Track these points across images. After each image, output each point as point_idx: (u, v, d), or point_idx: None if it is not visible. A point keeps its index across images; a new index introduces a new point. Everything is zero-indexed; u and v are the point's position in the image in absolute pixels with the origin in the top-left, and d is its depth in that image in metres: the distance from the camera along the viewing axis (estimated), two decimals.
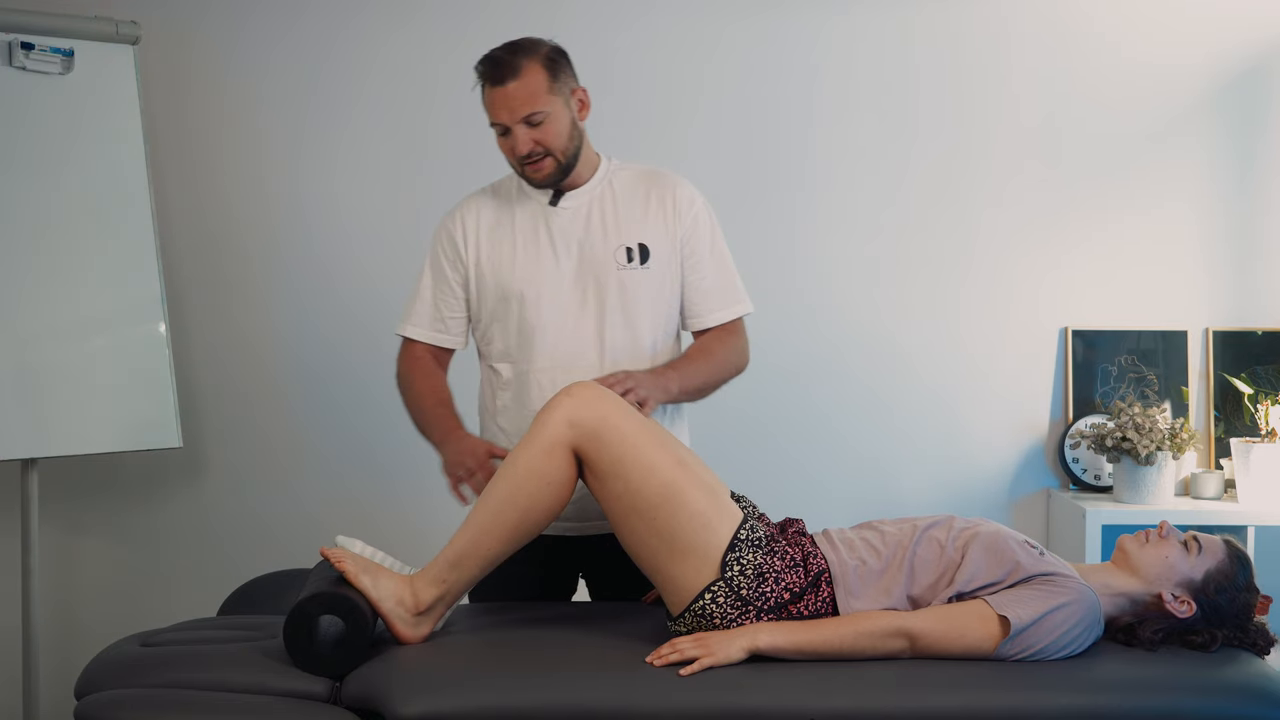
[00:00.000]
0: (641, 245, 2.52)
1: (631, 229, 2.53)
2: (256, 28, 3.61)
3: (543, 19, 3.64)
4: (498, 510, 2.20)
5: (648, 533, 2.18)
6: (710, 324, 2.59)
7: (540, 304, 2.50)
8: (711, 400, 3.63)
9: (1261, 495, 3.41)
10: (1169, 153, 3.65)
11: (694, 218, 2.56)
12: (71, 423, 3.19)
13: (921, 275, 3.66)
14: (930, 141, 3.66)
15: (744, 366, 2.63)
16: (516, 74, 2.43)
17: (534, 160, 2.46)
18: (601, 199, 2.55)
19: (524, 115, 2.43)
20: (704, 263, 2.57)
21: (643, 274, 2.52)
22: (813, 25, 3.64)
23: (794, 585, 2.17)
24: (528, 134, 2.44)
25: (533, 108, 2.43)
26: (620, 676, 2.07)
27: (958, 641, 2.10)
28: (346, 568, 2.18)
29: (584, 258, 2.51)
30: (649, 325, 2.54)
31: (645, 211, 2.55)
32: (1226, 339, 3.65)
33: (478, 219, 2.57)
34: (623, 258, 2.52)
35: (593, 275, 2.51)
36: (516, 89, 2.43)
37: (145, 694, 2.05)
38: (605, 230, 2.53)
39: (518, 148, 2.44)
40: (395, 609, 2.18)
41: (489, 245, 2.55)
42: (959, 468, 3.67)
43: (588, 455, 2.19)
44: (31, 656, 3.21)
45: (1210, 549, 2.24)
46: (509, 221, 2.55)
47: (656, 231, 2.54)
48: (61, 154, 3.24)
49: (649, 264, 2.52)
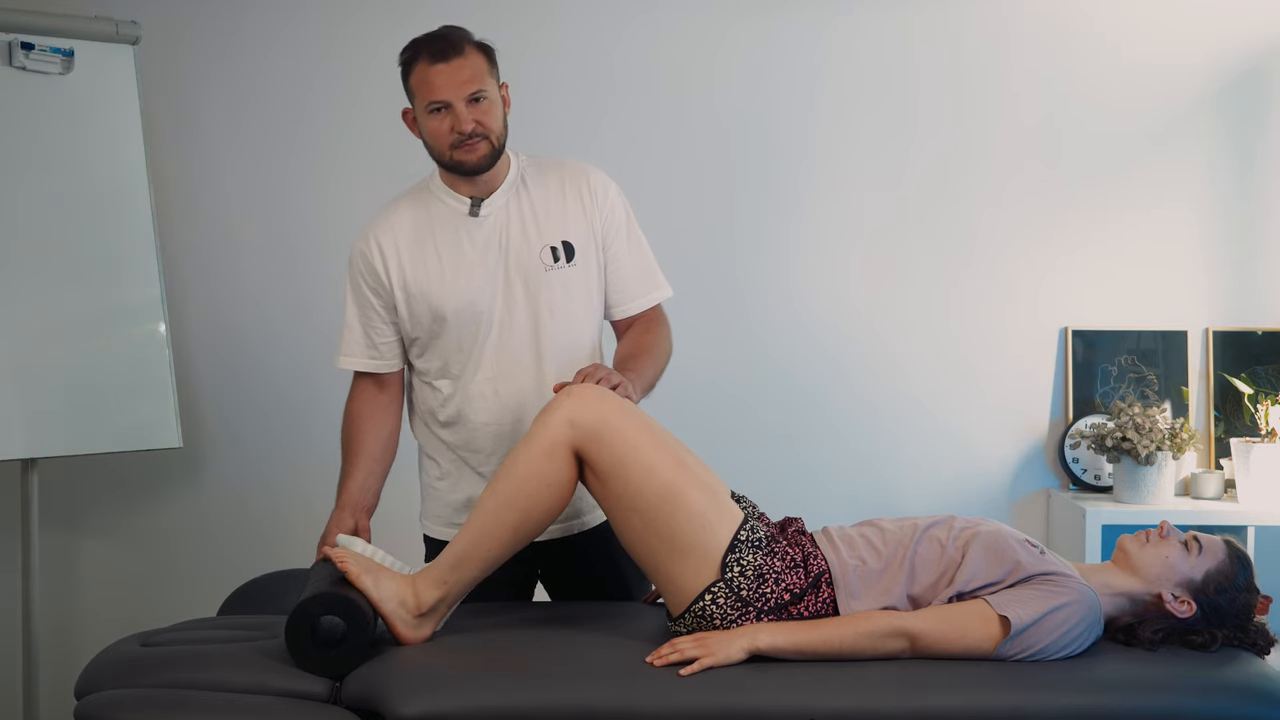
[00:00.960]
0: (565, 243, 2.48)
1: (552, 228, 2.48)
2: (256, 28, 3.61)
3: (543, 19, 3.65)
4: (498, 511, 2.20)
5: (648, 533, 2.18)
6: (631, 312, 2.56)
7: (476, 318, 2.46)
8: (712, 400, 3.65)
9: (1261, 495, 3.41)
10: (1169, 153, 3.65)
11: (610, 205, 2.52)
12: (71, 423, 3.19)
13: (922, 275, 3.66)
14: (930, 141, 3.66)
15: (671, 352, 2.58)
16: (460, 52, 2.38)
17: (472, 140, 2.38)
18: (519, 200, 2.49)
19: (469, 92, 2.37)
20: (622, 251, 2.53)
21: (570, 272, 2.48)
22: (813, 25, 3.64)
23: (794, 586, 2.17)
24: (469, 112, 2.37)
25: (477, 85, 2.38)
26: (620, 676, 2.07)
27: (958, 641, 2.10)
28: (349, 568, 2.17)
29: (510, 264, 2.46)
30: (582, 322, 2.51)
31: (563, 207, 2.50)
32: (1226, 339, 3.65)
33: (395, 240, 2.48)
34: (549, 258, 2.47)
35: (521, 280, 2.46)
36: (462, 65, 2.37)
37: (145, 694, 2.05)
38: (527, 233, 2.47)
39: (460, 124, 2.36)
40: (397, 610, 2.18)
41: (412, 266, 2.47)
42: (959, 467, 3.67)
43: (588, 455, 2.18)
44: (31, 656, 3.21)
45: (1210, 549, 2.24)
46: (429, 238, 2.47)
47: (577, 226, 2.49)
48: (61, 154, 3.23)
49: (575, 261, 2.48)
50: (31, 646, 3.21)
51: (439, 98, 2.37)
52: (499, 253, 2.46)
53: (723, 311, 3.66)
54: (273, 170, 3.63)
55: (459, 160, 2.41)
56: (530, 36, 3.61)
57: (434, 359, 2.50)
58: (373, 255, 2.48)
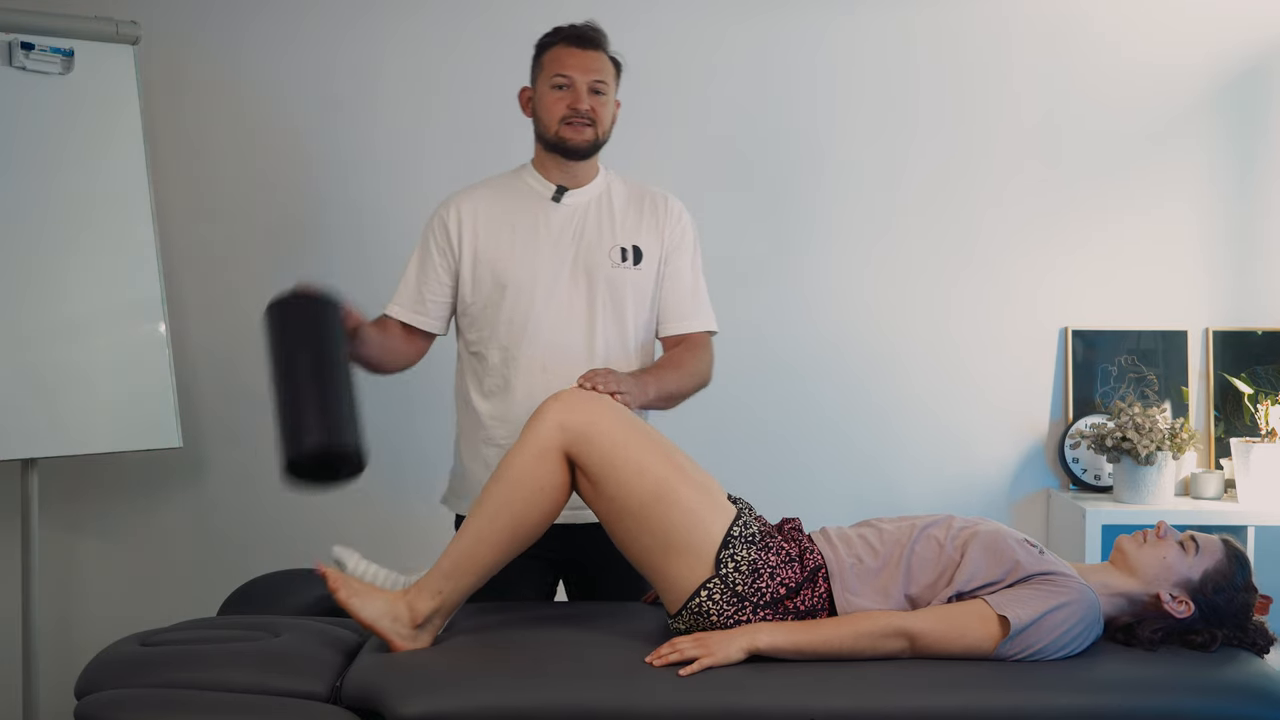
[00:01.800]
0: (635, 247, 2.62)
1: (626, 232, 2.63)
2: (256, 28, 3.61)
3: (544, 19, 3.64)
4: (492, 517, 2.21)
5: (641, 532, 2.19)
6: (679, 330, 2.67)
7: (535, 293, 2.57)
8: (712, 400, 3.63)
9: (1261, 495, 3.41)
10: (1169, 153, 3.65)
11: (682, 230, 2.68)
12: (71, 423, 3.19)
13: (921, 275, 3.66)
14: (930, 141, 3.66)
15: (708, 381, 2.69)
16: (598, 47, 2.60)
17: (583, 121, 2.56)
18: (599, 201, 2.64)
19: (594, 79, 2.56)
20: (682, 273, 2.67)
21: (635, 274, 2.61)
22: (814, 25, 3.64)
23: (790, 580, 2.17)
24: (589, 100, 2.56)
25: (603, 77, 2.58)
26: (620, 676, 2.07)
27: (958, 641, 2.10)
28: (338, 594, 2.18)
29: (579, 253, 2.59)
30: (634, 323, 2.62)
31: (640, 217, 2.65)
32: (1226, 339, 3.65)
33: (474, 208, 2.63)
34: (617, 256, 2.61)
35: (586, 271, 2.59)
36: (596, 57, 2.58)
37: (145, 694, 2.05)
38: (601, 230, 2.62)
39: (578, 101, 2.55)
40: (391, 626, 2.18)
41: (486, 234, 2.61)
42: (959, 467, 3.67)
43: (579, 458, 2.19)
44: (31, 656, 3.21)
45: (1208, 549, 2.24)
46: (508, 213, 2.62)
47: (649, 236, 2.64)
48: (61, 154, 3.23)
49: (641, 265, 2.62)
50: (31, 646, 3.21)
51: (567, 73, 2.57)
52: (571, 240, 2.60)
53: (723, 312, 3.63)
54: (273, 170, 3.62)
55: (564, 137, 2.58)
56: (532, 38, 3.60)
57: (486, 327, 2.60)
58: (450, 218, 2.63)
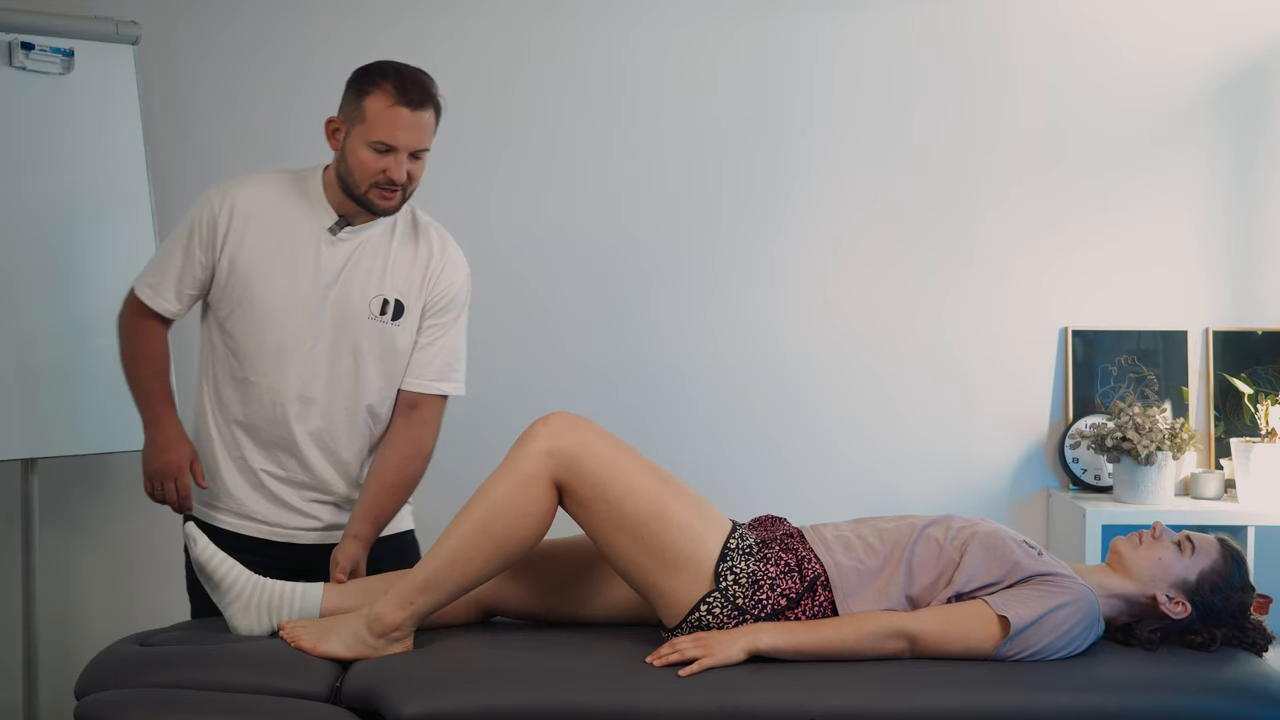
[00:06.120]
0: (398, 301, 2.50)
1: (393, 280, 2.49)
2: (256, 28, 3.61)
3: (545, 18, 3.65)
4: (473, 536, 2.17)
5: (637, 551, 2.16)
6: (420, 390, 2.54)
7: (285, 323, 2.46)
8: (712, 400, 3.65)
9: (1261, 495, 3.41)
10: (1169, 153, 3.64)
11: (452, 289, 2.54)
12: (71, 423, 3.19)
13: (922, 275, 3.66)
14: (931, 141, 3.66)
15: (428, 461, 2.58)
16: (427, 106, 2.39)
17: (396, 191, 2.40)
18: (377, 240, 2.50)
19: (418, 146, 2.39)
20: (442, 334, 2.54)
21: (390, 329, 2.50)
22: (816, 27, 3.64)
23: (790, 591, 2.16)
24: (407, 165, 2.39)
25: (425, 143, 2.41)
26: (620, 676, 2.07)
27: (957, 642, 2.10)
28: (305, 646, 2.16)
29: (339, 296, 2.47)
30: (377, 376, 2.51)
31: (411, 266, 2.51)
32: (1226, 339, 3.65)
33: (248, 211, 2.47)
34: (376, 308, 2.49)
35: (337, 316, 2.48)
36: (426, 119, 2.39)
37: (145, 694, 2.05)
38: (370, 274, 2.48)
39: (396, 172, 2.38)
40: (357, 648, 2.16)
41: (251, 247, 2.46)
42: (959, 467, 3.66)
43: (568, 484, 2.17)
44: (31, 656, 3.21)
45: (1204, 549, 2.24)
46: (284, 233, 2.47)
47: (414, 289, 2.51)
48: (61, 154, 3.23)
49: (400, 322, 2.50)
50: (31, 646, 3.21)
51: (393, 142, 2.37)
52: (335, 278, 2.47)
53: (723, 312, 3.66)
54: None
55: (372, 200, 2.42)
56: (534, 39, 3.61)
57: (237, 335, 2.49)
58: (220, 215, 2.47)
